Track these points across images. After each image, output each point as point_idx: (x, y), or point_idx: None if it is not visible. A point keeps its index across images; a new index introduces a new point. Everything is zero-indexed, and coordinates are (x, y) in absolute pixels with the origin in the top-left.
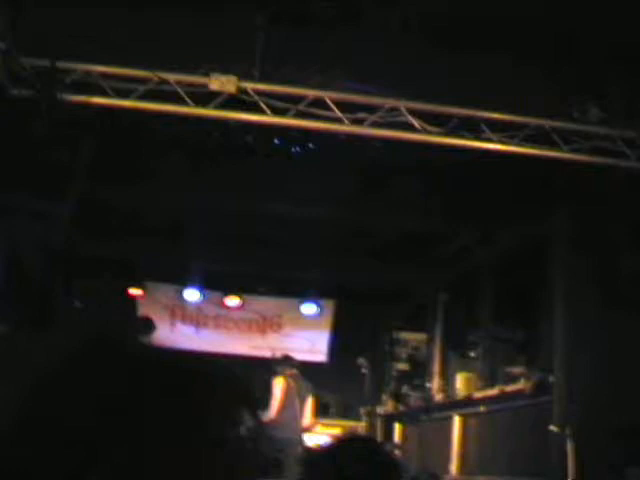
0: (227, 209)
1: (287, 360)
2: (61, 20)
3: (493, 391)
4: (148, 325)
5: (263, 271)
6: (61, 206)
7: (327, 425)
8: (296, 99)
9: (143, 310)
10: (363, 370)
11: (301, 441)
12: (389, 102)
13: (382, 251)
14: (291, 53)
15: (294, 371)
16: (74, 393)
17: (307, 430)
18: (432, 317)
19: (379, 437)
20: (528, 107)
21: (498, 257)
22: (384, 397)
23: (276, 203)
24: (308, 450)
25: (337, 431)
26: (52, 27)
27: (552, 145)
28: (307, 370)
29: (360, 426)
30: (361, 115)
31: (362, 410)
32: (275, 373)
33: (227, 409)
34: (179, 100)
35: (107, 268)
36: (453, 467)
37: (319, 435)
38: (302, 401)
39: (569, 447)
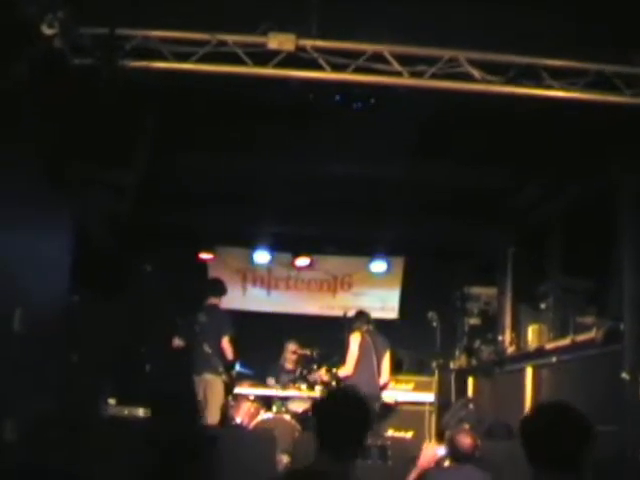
0: (293, 170)
1: (362, 316)
2: None
3: (564, 341)
4: (219, 287)
5: (331, 231)
6: (129, 175)
7: (401, 381)
8: (355, 54)
9: (214, 274)
10: (434, 324)
11: (379, 397)
12: (448, 53)
13: (450, 207)
14: (348, 8)
15: (370, 327)
16: None
17: (384, 387)
18: (502, 271)
19: (452, 392)
20: (589, 53)
21: (566, 209)
22: (457, 352)
23: (341, 162)
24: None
25: (411, 386)
26: None
27: (614, 91)
28: (380, 327)
29: (433, 381)
30: (420, 67)
31: (434, 365)
32: (351, 329)
33: None
34: (238, 61)
35: (177, 234)
36: None
37: (393, 391)
38: (379, 357)
39: None
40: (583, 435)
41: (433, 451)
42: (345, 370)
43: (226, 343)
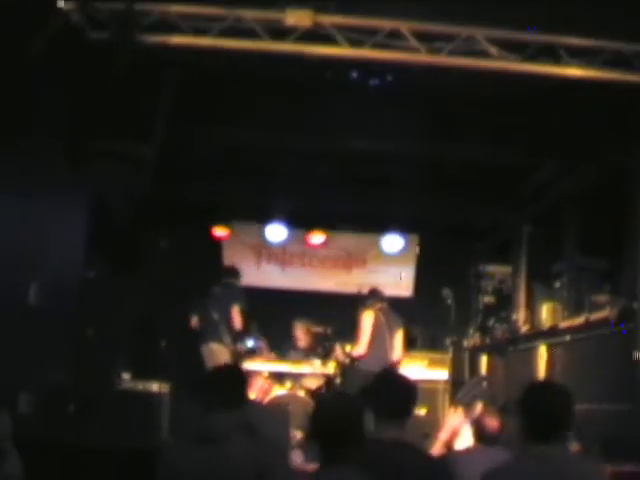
0: (307, 146)
1: (375, 294)
2: None
3: (578, 320)
4: (234, 273)
5: (346, 207)
6: (144, 149)
7: (414, 357)
8: (372, 31)
9: (228, 250)
10: (448, 301)
11: None
12: (466, 31)
13: (464, 185)
14: None
15: (383, 304)
16: None
17: (397, 364)
18: (517, 249)
19: (466, 369)
20: (606, 31)
21: (581, 188)
22: (471, 330)
23: (356, 139)
24: None
25: (424, 363)
26: None
27: (631, 69)
28: (394, 304)
29: (447, 358)
30: (438, 44)
31: (448, 342)
32: (364, 307)
33: None
34: (256, 36)
35: (193, 210)
36: None
37: (407, 368)
38: (392, 334)
39: None
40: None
41: (459, 421)
42: (358, 349)
43: (235, 312)
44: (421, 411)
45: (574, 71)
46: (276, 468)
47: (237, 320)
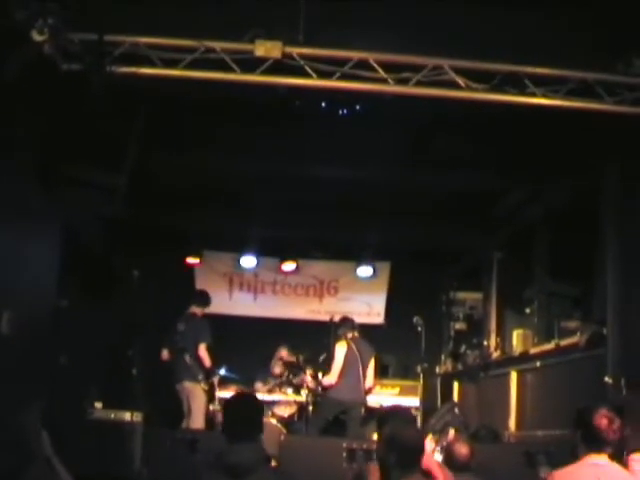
0: (278, 175)
1: (347, 322)
2: None
3: (549, 346)
4: (204, 299)
5: (318, 236)
6: (117, 177)
7: (386, 385)
8: (341, 62)
9: (201, 278)
10: (419, 329)
11: (364, 402)
12: (433, 61)
13: (435, 211)
14: (333, 16)
15: (355, 333)
16: None
17: (369, 391)
18: (487, 276)
19: (437, 396)
20: (571, 61)
21: (551, 214)
22: (442, 357)
23: (327, 167)
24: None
25: (396, 391)
26: (98, 1)
27: (596, 98)
28: (365, 332)
29: (419, 385)
30: (406, 75)
31: (419, 369)
32: (337, 336)
33: None
34: (226, 67)
35: (164, 238)
36: (512, 423)
37: (379, 395)
38: (364, 363)
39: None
40: None
41: (431, 449)
42: (329, 379)
43: (203, 351)
44: None
45: (540, 100)
46: None
47: (206, 359)
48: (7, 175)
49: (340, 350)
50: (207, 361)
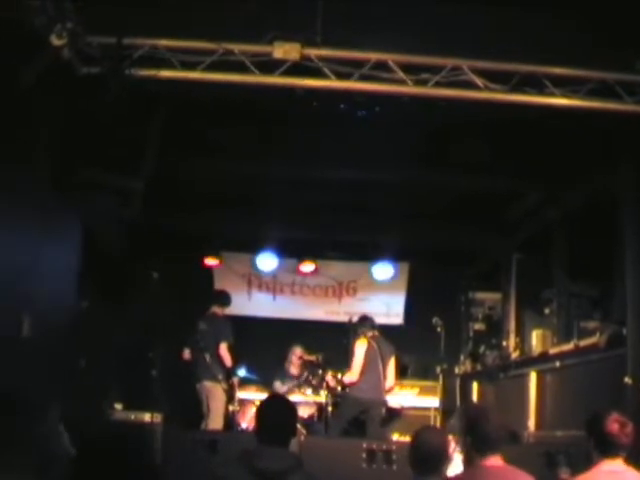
0: (298, 176)
1: (366, 321)
2: None
3: (568, 346)
4: (224, 299)
5: (337, 236)
6: (135, 180)
7: (405, 386)
8: (359, 63)
9: (220, 280)
10: (438, 329)
11: (384, 402)
12: (451, 62)
13: (455, 212)
14: (352, 17)
15: (375, 332)
16: None
17: (390, 391)
18: (506, 276)
19: (456, 396)
20: (591, 61)
21: (570, 214)
22: (461, 357)
23: (345, 168)
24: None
25: (415, 391)
26: (117, 4)
27: (616, 98)
28: (384, 332)
29: (438, 386)
30: (424, 76)
31: (438, 369)
32: (356, 335)
33: None
34: (244, 69)
35: (183, 240)
36: (531, 423)
37: (398, 396)
38: (384, 362)
39: None
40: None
41: (451, 448)
42: (350, 376)
43: (224, 350)
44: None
45: (559, 100)
46: None
47: (227, 358)
48: (26, 179)
49: (360, 347)
50: (228, 360)
